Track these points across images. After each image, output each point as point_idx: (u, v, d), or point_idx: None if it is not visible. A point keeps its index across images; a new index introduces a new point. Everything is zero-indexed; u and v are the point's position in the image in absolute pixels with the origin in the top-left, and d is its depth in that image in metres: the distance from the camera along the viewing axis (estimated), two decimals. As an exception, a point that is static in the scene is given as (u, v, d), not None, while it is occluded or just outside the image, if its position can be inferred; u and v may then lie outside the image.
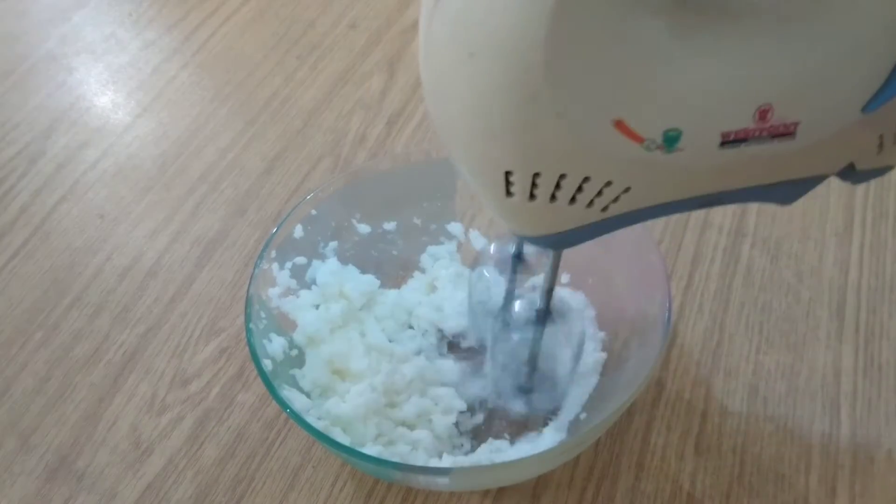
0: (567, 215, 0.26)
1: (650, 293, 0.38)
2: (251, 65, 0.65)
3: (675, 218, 0.51)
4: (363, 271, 0.47)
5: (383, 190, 0.46)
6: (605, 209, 0.26)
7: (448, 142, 0.27)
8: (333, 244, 0.46)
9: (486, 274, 0.42)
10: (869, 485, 0.40)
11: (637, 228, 0.39)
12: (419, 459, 0.39)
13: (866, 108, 0.25)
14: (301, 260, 0.44)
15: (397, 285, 0.48)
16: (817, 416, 0.42)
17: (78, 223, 0.55)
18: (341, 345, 0.43)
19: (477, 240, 0.49)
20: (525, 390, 0.42)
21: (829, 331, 0.46)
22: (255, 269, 0.40)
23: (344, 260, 0.46)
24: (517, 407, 0.42)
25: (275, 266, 0.42)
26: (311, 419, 0.37)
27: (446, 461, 0.40)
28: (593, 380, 0.42)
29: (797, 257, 0.49)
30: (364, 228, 0.47)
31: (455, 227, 0.49)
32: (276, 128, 0.60)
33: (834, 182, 0.52)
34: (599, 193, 0.26)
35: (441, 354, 0.45)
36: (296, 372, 0.41)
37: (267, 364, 0.37)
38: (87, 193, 0.57)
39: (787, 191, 0.28)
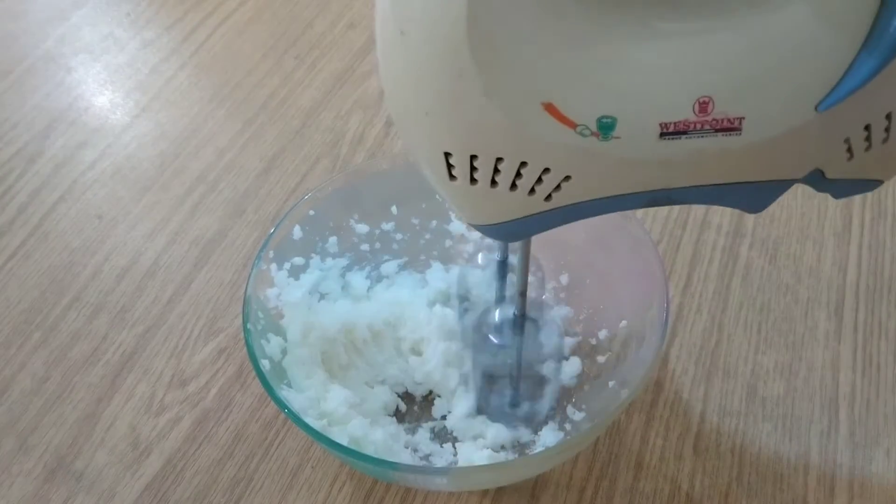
0: (510, 203, 0.26)
1: (648, 293, 0.38)
2: (249, 65, 0.65)
3: (674, 218, 0.51)
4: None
5: (382, 190, 0.46)
6: (548, 198, 0.26)
7: (397, 123, 0.27)
8: (332, 243, 0.46)
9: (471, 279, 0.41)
10: (867, 484, 0.40)
11: (636, 229, 0.40)
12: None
13: (819, 107, 0.23)
14: (299, 260, 0.44)
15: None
16: (816, 416, 0.42)
17: (76, 223, 0.55)
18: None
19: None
20: (514, 405, 0.41)
21: (828, 331, 0.46)
22: (252, 269, 0.40)
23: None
24: (510, 424, 0.41)
25: (273, 266, 0.42)
26: (309, 419, 0.37)
27: (443, 461, 0.40)
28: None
29: (796, 257, 0.49)
30: (362, 228, 0.47)
31: (455, 227, 0.49)
32: (274, 128, 0.60)
33: (832, 182, 0.52)
34: (539, 180, 0.25)
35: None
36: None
37: (265, 364, 0.37)
38: (86, 194, 0.57)
39: (750, 195, 0.27)
